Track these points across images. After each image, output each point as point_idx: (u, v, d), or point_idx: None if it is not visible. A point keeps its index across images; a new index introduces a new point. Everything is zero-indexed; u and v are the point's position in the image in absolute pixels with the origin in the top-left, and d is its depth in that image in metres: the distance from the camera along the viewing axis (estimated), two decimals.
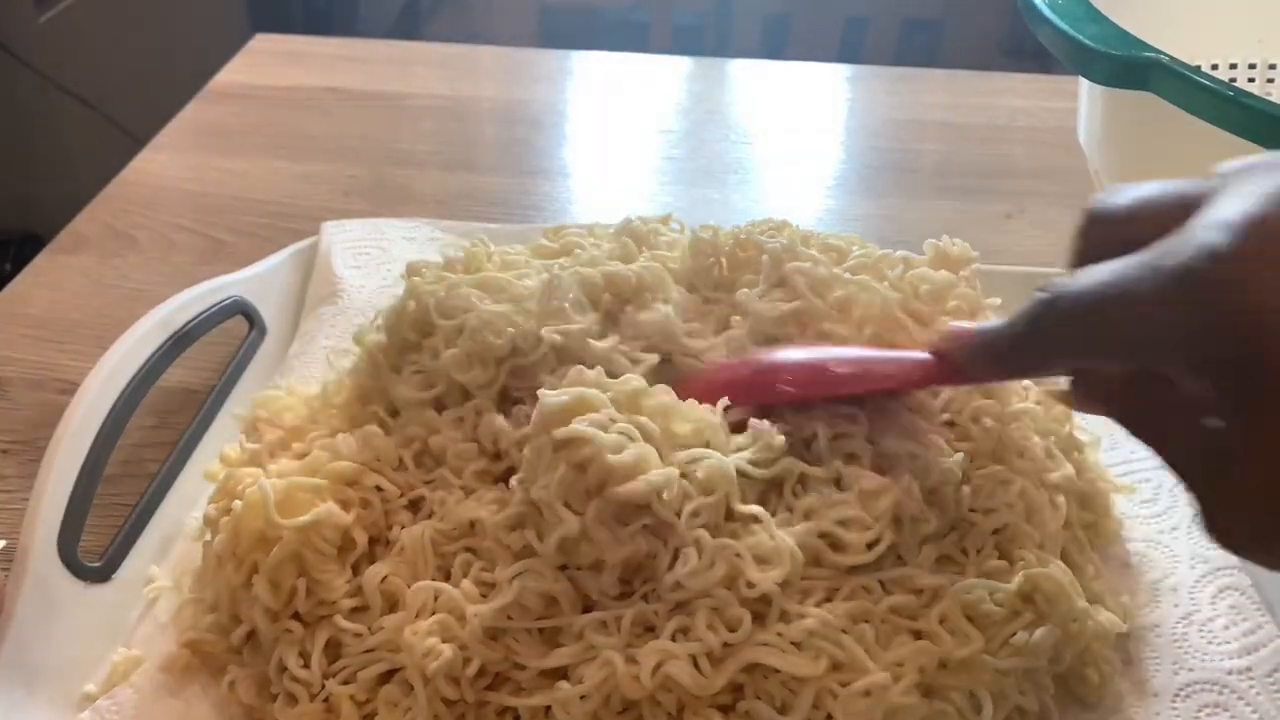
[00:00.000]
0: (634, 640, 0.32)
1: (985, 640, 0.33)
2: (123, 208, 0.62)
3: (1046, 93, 0.77)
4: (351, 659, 0.34)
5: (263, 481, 0.35)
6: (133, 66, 1.40)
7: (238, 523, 0.35)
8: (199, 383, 0.47)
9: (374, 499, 0.37)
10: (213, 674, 0.35)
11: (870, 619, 0.33)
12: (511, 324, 0.38)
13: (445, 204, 0.64)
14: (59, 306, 0.54)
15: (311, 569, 0.35)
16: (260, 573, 0.34)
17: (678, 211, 0.51)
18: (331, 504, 0.35)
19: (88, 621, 0.36)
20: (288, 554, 0.34)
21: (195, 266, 0.58)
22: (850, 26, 1.89)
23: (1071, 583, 0.34)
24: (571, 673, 0.32)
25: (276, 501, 0.35)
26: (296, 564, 0.35)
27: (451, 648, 0.32)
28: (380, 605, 0.35)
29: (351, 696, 0.33)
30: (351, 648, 0.34)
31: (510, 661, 0.33)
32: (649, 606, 0.33)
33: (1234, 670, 0.35)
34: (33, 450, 0.45)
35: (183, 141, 0.71)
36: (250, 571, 0.35)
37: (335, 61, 0.82)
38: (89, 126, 1.31)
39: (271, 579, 0.34)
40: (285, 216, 0.62)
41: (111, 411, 0.40)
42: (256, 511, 0.35)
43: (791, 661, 0.31)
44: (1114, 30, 0.43)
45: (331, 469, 0.37)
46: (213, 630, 0.36)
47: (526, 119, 0.75)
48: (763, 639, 0.32)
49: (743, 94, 0.81)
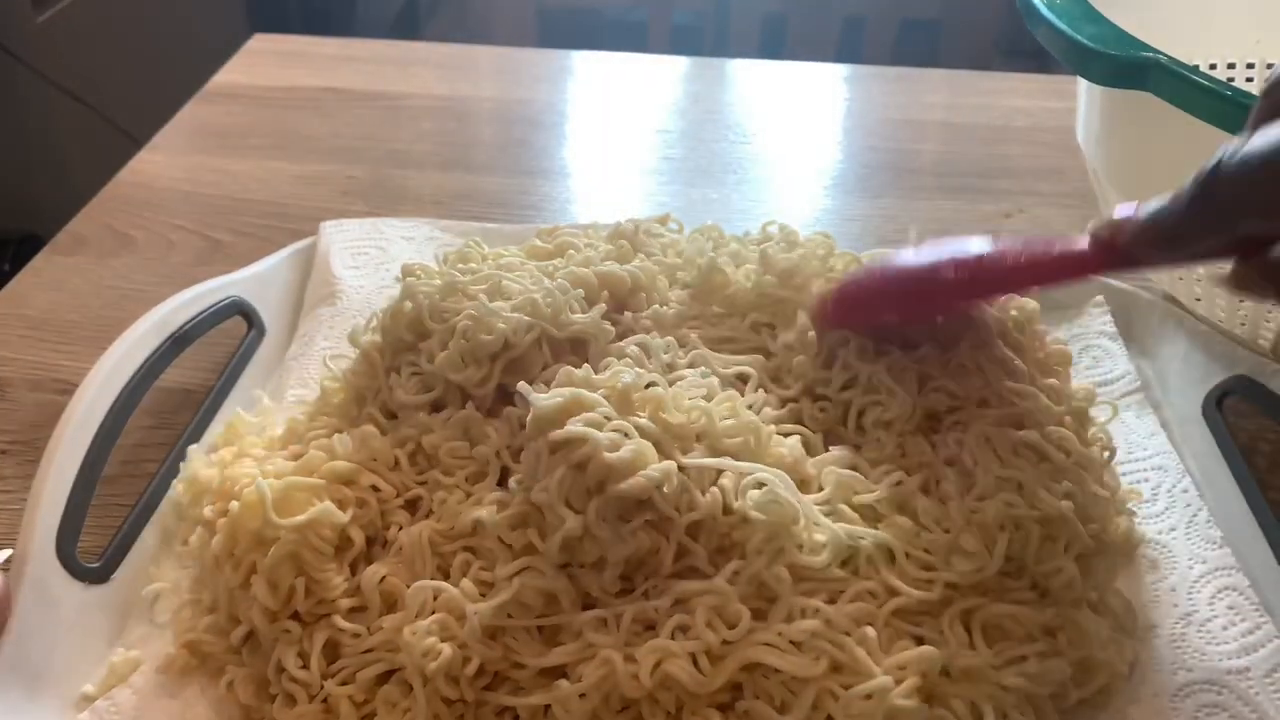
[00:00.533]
0: (633, 638, 0.32)
1: (994, 654, 0.33)
2: (121, 208, 0.62)
3: (1045, 92, 0.77)
4: (350, 659, 0.34)
5: (260, 481, 0.35)
6: (131, 66, 1.39)
7: (235, 523, 0.35)
8: (197, 383, 0.47)
9: (370, 499, 0.37)
10: (211, 675, 0.35)
11: (874, 622, 0.33)
12: (504, 320, 0.38)
13: (444, 204, 0.64)
14: (58, 307, 0.54)
15: (309, 569, 0.35)
16: (258, 573, 0.34)
17: (676, 211, 0.51)
18: (329, 503, 0.35)
19: (86, 622, 0.36)
20: (285, 554, 0.34)
21: (194, 267, 0.58)
22: (848, 26, 1.89)
23: (1099, 635, 0.34)
24: (570, 671, 0.32)
25: (274, 501, 0.35)
26: (294, 564, 0.35)
27: (451, 646, 0.32)
28: (379, 605, 0.35)
29: (350, 697, 0.33)
30: (350, 648, 0.34)
31: (510, 661, 0.33)
32: (649, 604, 0.33)
33: (1232, 670, 0.35)
34: (31, 451, 0.45)
35: (181, 142, 0.71)
36: (248, 572, 0.35)
37: (334, 61, 0.82)
38: (87, 126, 1.31)
39: (270, 579, 0.34)
40: (284, 217, 0.62)
41: (110, 412, 0.40)
42: (254, 512, 0.35)
43: (791, 662, 0.31)
44: (1112, 30, 0.43)
45: (328, 469, 0.37)
46: (211, 631, 0.36)
47: (525, 119, 0.75)
48: (763, 638, 0.32)
49: (741, 94, 0.81)
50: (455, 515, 0.35)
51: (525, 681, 0.33)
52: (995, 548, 0.34)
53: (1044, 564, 0.34)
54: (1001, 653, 0.33)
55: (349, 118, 0.74)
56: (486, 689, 0.33)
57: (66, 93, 1.27)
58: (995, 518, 0.34)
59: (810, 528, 0.34)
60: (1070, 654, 0.33)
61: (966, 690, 0.32)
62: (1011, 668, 0.33)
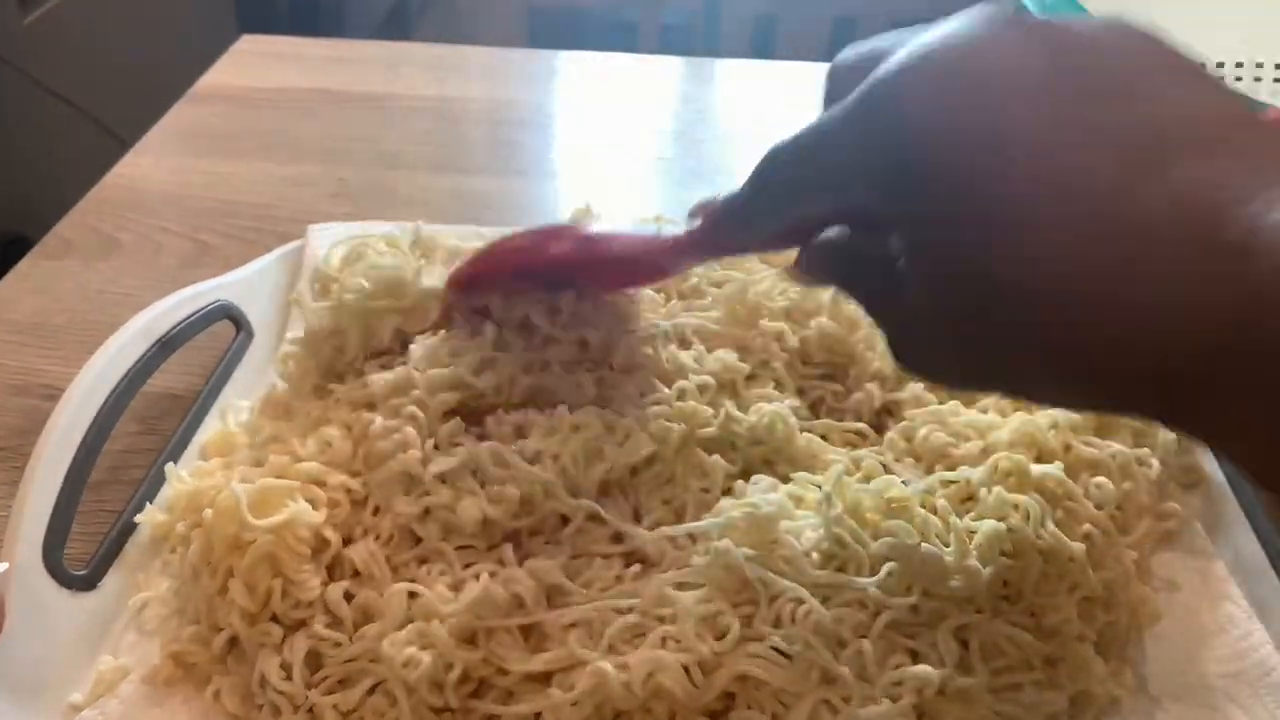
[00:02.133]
0: (617, 644, 0.32)
1: (991, 676, 0.32)
2: (108, 211, 0.62)
3: None
4: (333, 668, 0.34)
5: (234, 485, 0.35)
6: (118, 68, 1.39)
7: (211, 530, 0.35)
8: (185, 388, 0.47)
9: (343, 498, 0.37)
10: (197, 685, 0.35)
11: (867, 634, 0.32)
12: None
13: (433, 205, 0.63)
14: (43, 311, 0.54)
15: (286, 569, 0.34)
16: (235, 576, 0.34)
17: (667, 212, 0.51)
18: (304, 503, 0.35)
19: (73, 630, 0.36)
20: (261, 555, 0.34)
21: (181, 270, 0.57)
22: (838, 26, 1.89)
23: (1099, 671, 0.33)
24: (559, 679, 0.32)
25: (248, 504, 0.35)
26: (271, 565, 0.34)
27: (431, 654, 0.32)
28: (351, 618, 0.34)
29: (335, 706, 0.33)
30: (332, 658, 0.34)
31: (494, 666, 0.33)
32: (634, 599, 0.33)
33: (1224, 674, 0.35)
34: (17, 457, 0.44)
35: (168, 144, 0.70)
36: (226, 577, 0.35)
37: (322, 62, 0.81)
38: (74, 128, 1.30)
39: (247, 581, 0.34)
40: (272, 219, 0.61)
41: (97, 417, 0.40)
42: (229, 516, 0.35)
43: (783, 676, 0.31)
44: None
45: (298, 469, 0.37)
46: (195, 641, 0.35)
47: (515, 120, 0.74)
48: (754, 650, 0.31)
49: (732, 94, 0.80)
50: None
51: (513, 688, 0.33)
52: (985, 570, 0.33)
53: (1042, 597, 0.34)
54: (999, 675, 0.32)
55: (338, 119, 0.73)
56: (473, 695, 0.33)
57: (53, 94, 1.27)
58: (990, 539, 0.34)
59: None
60: (1069, 687, 0.33)
61: (960, 712, 0.32)
62: (1007, 693, 0.32)
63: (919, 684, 0.31)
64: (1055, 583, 0.34)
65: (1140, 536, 0.38)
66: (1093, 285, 0.22)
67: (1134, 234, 0.22)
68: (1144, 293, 0.21)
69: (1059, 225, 0.22)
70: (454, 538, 0.35)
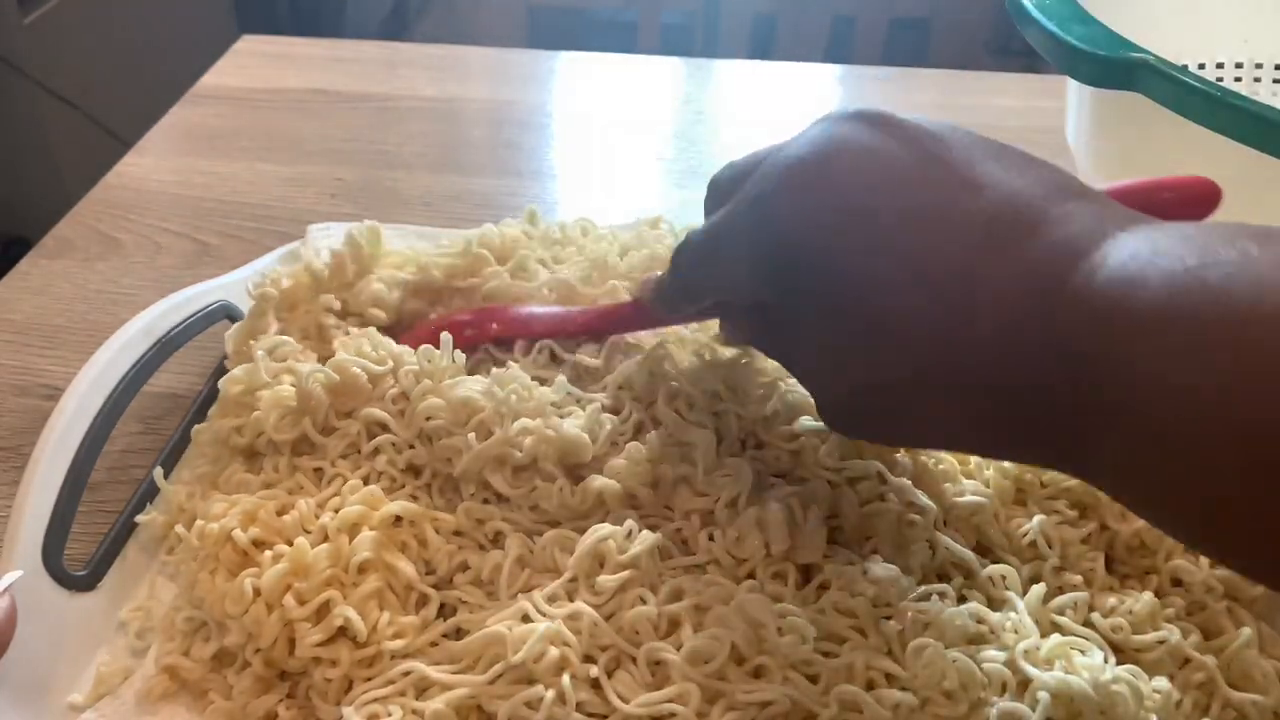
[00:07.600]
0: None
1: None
2: (108, 211, 0.62)
3: (1035, 92, 0.77)
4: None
5: (236, 533, 0.35)
6: (118, 68, 1.39)
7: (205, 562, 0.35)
8: (185, 388, 0.47)
9: (429, 535, 0.37)
10: (195, 695, 0.35)
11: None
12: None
13: (433, 206, 0.63)
14: (43, 311, 0.54)
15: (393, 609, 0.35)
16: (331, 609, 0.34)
17: (667, 212, 0.51)
18: (302, 539, 0.35)
19: (73, 631, 0.36)
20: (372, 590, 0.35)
21: (181, 270, 0.57)
22: (838, 26, 1.89)
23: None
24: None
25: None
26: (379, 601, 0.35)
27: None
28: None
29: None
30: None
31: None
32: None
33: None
34: (17, 457, 0.44)
35: (168, 144, 0.70)
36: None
37: (322, 63, 0.81)
38: (74, 128, 1.30)
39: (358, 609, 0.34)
40: (272, 219, 0.62)
41: (97, 418, 0.40)
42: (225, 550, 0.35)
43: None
44: (1101, 30, 0.43)
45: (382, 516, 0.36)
46: (187, 648, 0.35)
47: (515, 120, 0.74)
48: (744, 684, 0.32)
49: (731, 94, 0.81)
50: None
51: None
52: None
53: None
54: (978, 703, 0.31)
55: (338, 119, 0.73)
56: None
57: (53, 94, 1.27)
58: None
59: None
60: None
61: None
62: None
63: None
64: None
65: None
66: (948, 358, 0.26)
67: (984, 311, 0.26)
68: (990, 350, 0.26)
69: (917, 310, 0.26)
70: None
